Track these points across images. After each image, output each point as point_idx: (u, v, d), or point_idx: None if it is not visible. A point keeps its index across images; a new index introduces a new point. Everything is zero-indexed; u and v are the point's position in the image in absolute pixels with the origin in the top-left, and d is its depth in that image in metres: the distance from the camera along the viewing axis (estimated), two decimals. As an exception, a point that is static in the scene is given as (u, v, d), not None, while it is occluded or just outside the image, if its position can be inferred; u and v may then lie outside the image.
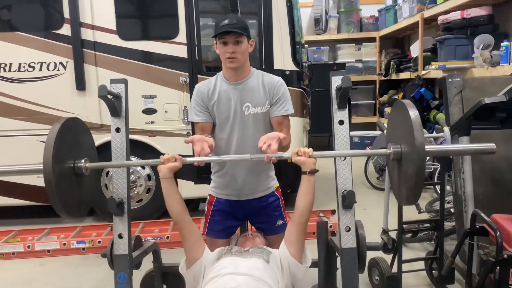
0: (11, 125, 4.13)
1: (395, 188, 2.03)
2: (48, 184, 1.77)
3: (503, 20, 4.61)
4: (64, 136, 1.87)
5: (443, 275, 2.64)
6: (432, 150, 2.00)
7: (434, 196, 4.37)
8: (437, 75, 5.19)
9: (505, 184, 2.95)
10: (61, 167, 1.84)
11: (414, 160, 1.69)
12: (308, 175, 2.03)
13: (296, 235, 2.04)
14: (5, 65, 4.09)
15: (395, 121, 1.99)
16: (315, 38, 7.82)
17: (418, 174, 1.69)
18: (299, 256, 2.04)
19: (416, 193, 1.76)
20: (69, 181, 1.92)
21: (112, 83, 2.27)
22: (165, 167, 2.01)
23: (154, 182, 4.27)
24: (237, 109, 2.24)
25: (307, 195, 2.04)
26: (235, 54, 2.13)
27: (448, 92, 3.00)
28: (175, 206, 2.06)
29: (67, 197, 1.90)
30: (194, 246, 2.05)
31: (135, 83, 4.02)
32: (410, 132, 1.71)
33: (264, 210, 2.38)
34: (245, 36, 2.15)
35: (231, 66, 2.18)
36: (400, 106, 1.88)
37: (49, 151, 1.76)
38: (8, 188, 4.22)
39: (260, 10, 3.98)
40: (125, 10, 4.16)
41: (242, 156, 2.08)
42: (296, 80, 4.16)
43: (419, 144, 1.67)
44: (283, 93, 2.28)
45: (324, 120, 3.59)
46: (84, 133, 2.15)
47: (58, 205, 1.82)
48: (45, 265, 3.57)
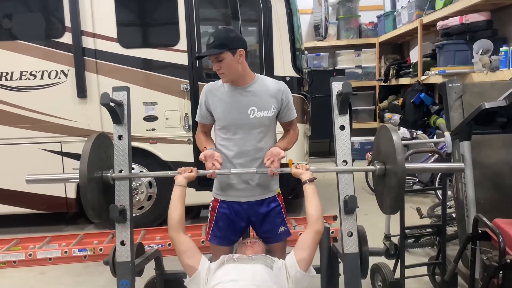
0: (13, 133, 4.14)
1: (379, 199, 2.21)
2: (82, 191, 2.06)
3: (502, 25, 4.63)
4: (95, 150, 2.13)
5: (446, 280, 2.63)
6: (411, 168, 2.31)
7: (435, 201, 4.37)
8: (436, 80, 5.20)
9: (507, 189, 2.94)
10: (92, 177, 2.11)
11: (397, 173, 1.94)
12: (308, 183, 2.13)
13: (310, 243, 2.05)
14: (6, 74, 4.11)
15: (380, 143, 2.19)
16: (314, 45, 7.85)
17: (400, 186, 1.95)
18: (306, 265, 2.03)
19: (398, 202, 2.02)
20: (97, 189, 2.17)
21: (115, 91, 2.29)
22: (181, 175, 2.20)
23: (155, 190, 4.27)
24: (242, 112, 2.27)
25: (313, 200, 2.11)
26: (221, 70, 2.21)
27: (448, 97, 3.01)
28: (177, 214, 2.11)
29: (96, 203, 2.15)
30: (190, 257, 2.06)
31: (136, 90, 4.03)
32: (393, 153, 1.96)
33: (266, 216, 2.38)
34: (224, 51, 2.15)
35: (223, 81, 2.28)
36: (384, 130, 2.11)
37: (84, 164, 2.05)
38: (10, 197, 4.21)
39: (260, 17, 4.01)
40: (126, 18, 4.19)
41: (247, 170, 2.25)
42: (297, 87, 4.18)
43: (400, 163, 1.93)
44: (290, 99, 2.38)
45: (324, 126, 3.61)
46: (110, 146, 2.31)
47: (89, 210, 2.10)
48: (47, 273, 3.56)
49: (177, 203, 2.14)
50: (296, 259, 2.02)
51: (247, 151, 2.29)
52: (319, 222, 2.08)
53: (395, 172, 1.95)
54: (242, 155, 2.29)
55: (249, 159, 2.29)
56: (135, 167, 4.20)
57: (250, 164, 2.29)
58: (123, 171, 2.22)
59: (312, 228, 2.07)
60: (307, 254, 2.03)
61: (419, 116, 5.83)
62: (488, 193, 2.94)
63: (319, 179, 2.13)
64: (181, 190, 2.17)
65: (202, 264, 2.05)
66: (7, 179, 4.21)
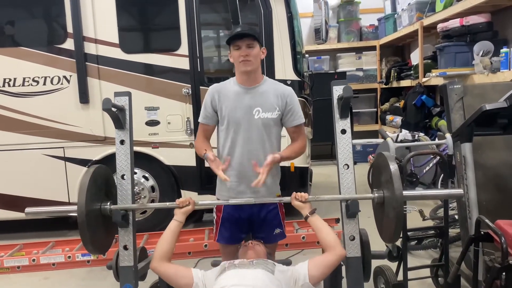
0: (16, 139, 4.16)
1: (379, 227, 2.22)
2: (80, 224, 2.03)
3: (502, 27, 4.64)
4: (93, 182, 2.11)
5: (449, 282, 2.62)
6: (409, 195, 2.28)
7: (438, 203, 4.36)
8: (437, 82, 5.20)
9: (509, 190, 2.94)
10: (90, 210, 2.08)
11: (395, 208, 1.95)
12: (310, 216, 2.15)
13: (330, 264, 2.04)
14: (9, 80, 4.14)
15: (378, 169, 2.18)
16: (315, 48, 7.87)
17: (398, 219, 1.95)
18: (315, 282, 2.02)
19: (396, 235, 2.04)
20: (96, 221, 2.14)
21: (116, 96, 2.30)
22: (180, 211, 2.18)
23: (157, 194, 4.27)
24: (247, 112, 2.29)
25: (324, 228, 2.13)
26: (248, 57, 2.23)
27: (449, 99, 3.02)
28: (167, 247, 2.13)
29: (95, 235, 2.12)
30: (183, 277, 2.05)
31: (138, 95, 4.04)
32: (390, 182, 1.97)
33: (264, 218, 2.39)
34: (257, 41, 2.26)
35: (244, 68, 2.25)
36: (381, 157, 2.12)
37: (82, 197, 2.03)
38: (13, 202, 4.22)
39: (261, 21, 4.02)
40: (127, 24, 4.22)
41: (246, 200, 2.24)
42: (298, 90, 4.18)
43: (398, 193, 1.93)
44: (296, 103, 2.37)
45: (326, 129, 3.61)
46: (109, 178, 2.31)
47: (87, 242, 2.07)
48: (50, 278, 3.57)
49: (170, 237, 2.15)
50: (309, 274, 2.01)
51: (250, 152, 2.30)
52: (340, 247, 2.07)
53: (393, 205, 1.95)
54: (245, 157, 2.31)
55: (253, 160, 2.29)
56: (138, 172, 4.21)
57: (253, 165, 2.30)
58: (125, 176, 2.23)
59: (336, 253, 2.04)
60: (321, 274, 2.03)
61: (421, 118, 5.82)
62: (490, 194, 2.94)
63: (322, 182, 2.13)
64: (178, 226, 2.18)
65: (195, 275, 2.05)
66: (11, 185, 4.22)
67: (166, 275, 2.07)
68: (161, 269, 2.08)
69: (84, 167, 4.12)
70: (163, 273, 2.08)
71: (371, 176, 2.38)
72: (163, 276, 2.09)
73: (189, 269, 2.09)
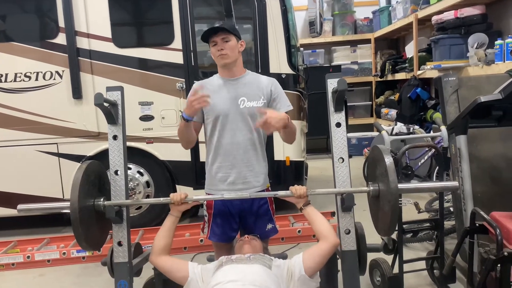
0: (9, 135, 4.12)
1: (374, 220, 2.21)
2: (73, 220, 2.01)
3: (497, 19, 4.63)
4: (86, 178, 2.09)
5: (445, 274, 2.63)
6: (404, 188, 2.29)
7: (433, 196, 4.38)
8: (432, 74, 5.20)
9: (504, 182, 2.95)
10: (83, 206, 2.06)
11: (390, 201, 1.95)
12: (304, 208, 2.16)
13: (325, 254, 2.05)
14: (1, 76, 4.09)
15: (373, 163, 2.17)
16: (310, 41, 7.84)
17: (393, 211, 1.95)
18: (311, 273, 2.03)
19: (392, 228, 2.04)
20: (89, 218, 2.12)
21: (108, 91, 2.28)
22: (176, 208, 2.20)
23: (152, 189, 4.26)
24: (233, 102, 2.31)
25: (317, 218, 2.14)
26: (224, 51, 2.25)
27: (444, 92, 3.01)
28: (165, 242, 2.17)
29: (89, 231, 2.11)
30: (178, 271, 2.09)
31: (132, 90, 4.02)
32: (385, 175, 1.97)
33: (256, 213, 2.38)
34: (232, 35, 2.27)
35: (223, 61, 2.28)
36: (376, 150, 2.12)
37: (75, 193, 2.01)
38: (7, 199, 4.20)
39: (254, 15, 4.00)
40: (120, 18, 4.17)
41: (241, 195, 2.22)
42: (293, 83, 4.17)
43: (393, 186, 1.94)
44: (280, 91, 2.39)
45: (321, 122, 3.60)
46: (102, 173, 2.29)
47: (81, 239, 2.06)
48: (45, 275, 3.56)
49: (167, 233, 2.19)
50: (304, 265, 2.01)
51: (237, 142, 2.30)
52: (334, 235, 2.08)
53: (388, 199, 1.95)
54: (233, 147, 2.30)
55: (241, 151, 2.30)
56: (132, 167, 4.19)
57: (242, 156, 2.31)
58: (119, 172, 2.21)
59: (329, 241, 2.06)
60: (316, 264, 2.03)
61: (416, 111, 5.83)
62: (485, 186, 2.95)
63: (317, 176, 2.12)
64: (175, 221, 2.21)
65: (191, 270, 2.07)
66: (4, 181, 4.19)
67: (164, 268, 2.13)
68: (158, 263, 2.14)
69: (78, 163, 4.09)
70: (161, 267, 2.14)
71: (366, 169, 2.38)
72: (161, 269, 2.14)
73: (186, 263, 2.11)
